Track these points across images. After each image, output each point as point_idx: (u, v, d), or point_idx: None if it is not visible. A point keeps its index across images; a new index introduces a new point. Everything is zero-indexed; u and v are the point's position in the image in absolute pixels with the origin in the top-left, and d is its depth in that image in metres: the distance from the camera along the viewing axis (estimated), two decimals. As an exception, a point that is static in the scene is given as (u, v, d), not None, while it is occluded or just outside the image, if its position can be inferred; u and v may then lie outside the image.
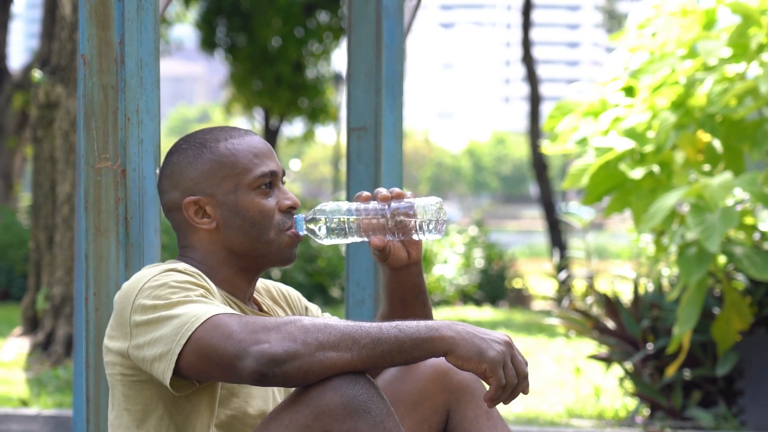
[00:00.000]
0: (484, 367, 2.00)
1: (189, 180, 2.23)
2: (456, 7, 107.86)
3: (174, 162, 2.26)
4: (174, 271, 2.13)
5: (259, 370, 1.96)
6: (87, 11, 2.48)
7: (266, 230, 2.23)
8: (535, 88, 15.44)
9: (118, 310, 2.12)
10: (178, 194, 2.24)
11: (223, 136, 2.25)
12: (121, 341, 2.11)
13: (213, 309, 2.05)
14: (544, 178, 15.11)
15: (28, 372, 6.84)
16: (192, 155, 2.24)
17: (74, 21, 7.16)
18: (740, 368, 5.23)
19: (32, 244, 7.94)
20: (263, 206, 2.23)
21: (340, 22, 17.02)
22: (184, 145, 2.26)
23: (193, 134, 2.29)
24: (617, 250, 15.38)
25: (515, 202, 70.28)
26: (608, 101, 5.38)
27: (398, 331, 2.00)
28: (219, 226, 2.23)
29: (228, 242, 2.24)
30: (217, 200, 2.23)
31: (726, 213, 4.68)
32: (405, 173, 30.61)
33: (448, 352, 2.00)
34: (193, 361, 2.03)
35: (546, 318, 6.69)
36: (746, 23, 5.06)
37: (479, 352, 2.00)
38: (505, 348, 2.02)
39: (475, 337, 2.02)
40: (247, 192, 2.23)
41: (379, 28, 3.39)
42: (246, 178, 2.23)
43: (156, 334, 2.05)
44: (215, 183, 2.22)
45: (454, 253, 13.44)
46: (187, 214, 2.23)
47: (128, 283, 2.14)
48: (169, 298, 2.07)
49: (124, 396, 2.15)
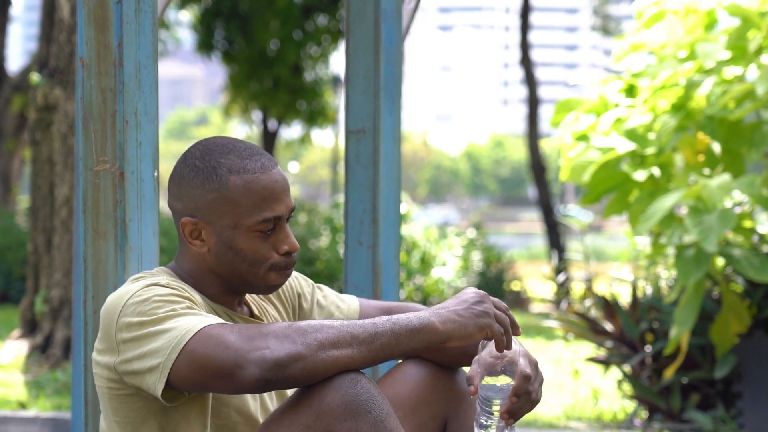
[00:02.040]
0: (485, 333, 2.08)
1: (192, 201, 2.19)
2: (454, 9, 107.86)
3: (184, 175, 2.20)
4: (156, 285, 2.10)
5: (263, 377, 1.95)
6: (85, 14, 2.48)
7: (257, 269, 2.20)
8: (534, 91, 15.45)
9: (104, 326, 2.10)
10: (180, 207, 2.21)
11: (237, 166, 2.17)
12: (108, 356, 2.09)
13: (203, 320, 2.03)
14: (542, 181, 15.12)
15: (26, 374, 6.83)
16: (201, 179, 2.17)
17: (72, 23, 7.16)
18: (738, 371, 5.23)
19: (30, 247, 7.93)
20: (258, 249, 2.18)
21: (338, 24, 17.03)
22: (198, 162, 2.19)
23: (210, 150, 2.20)
24: (615, 253, 15.37)
25: (513, 205, 70.24)
26: (609, 100, 5.38)
27: (392, 324, 2.03)
28: (210, 251, 2.20)
29: (216, 267, 2.21)
30: (214, 229, 2.18)
31: (724, 214, 4.68)
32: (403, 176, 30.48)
33: (446, 339, 2.05)
34: (186, 374, 2.01)
35: (544, 320, 6.68)
36: (745, 26, 5.06)
37: (475, 323, 2.07)
38: (486, 302, 2.10)
39: (457, 315, 2.07)
40: (245, 233, 2.17)
41: (378, 31, 3.39)
42: (247, 220, 2.17)
43: (146, 349, 2.03)
44: (216, 215, 2.17)
45: (452, 256, 13.43)
46: (183, 231, 2.20)
47: (111, 299, 2.11)
48: (155, 313, 2.05)
49: (113, 409, 2.14)
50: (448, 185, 70.12)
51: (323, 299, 2.46)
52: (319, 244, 10.71)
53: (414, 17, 3.94)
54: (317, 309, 2.44)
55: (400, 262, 3.58)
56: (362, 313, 2.44)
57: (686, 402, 5.34)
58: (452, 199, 68.50)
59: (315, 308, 2.44)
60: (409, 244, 12.15)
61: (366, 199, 3.38)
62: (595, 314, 5.84)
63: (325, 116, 18.63)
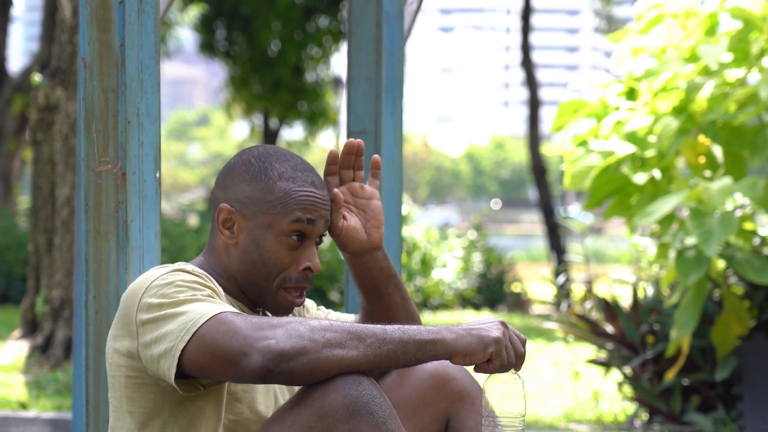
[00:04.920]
0: (490, 351, 2.05)
1: (235, 192, 2.24)
2: (455, 11, 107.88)
3: (235, 168, 2.26)
4: (182, 271, 2.14)
5: (265, 366, 1.96)
6: (88, 14, 2.48)
7: (272, 277, 2.23)
8: (535, 93, 15.45)
9: (124, 308, 2.13)
10: (222, 196, 2.26)
11: (288, 174, 2.23)
12: (129, 340, 2.11)
13: (219, 307, 2.06)
14: (543, 183, 15.12)
15: (27, 375, 6.84)
16: (251, 175, 2.23)
17: (74, 24, 7.17)
18: (739, 373, 5.23)
19: (31, 247, 7.94)
20: (282, 256, 2.22)
21: (339, 25, 17.03)
22: (253, 160, 2.25)
23: (268, 153, 2.26)
24: (616, 255, 15.37)
25: (514, 207, 70.25)
26: (609, 103, 5.38)
27: (402, 333, 2.03)
28: (238, 245, 2.24)
29: (238, 264, 2.24)
30: (247, 224, 2.23)
31: (725, 218, 4.68)
32: (404, 177, 30.61)
33: (452, 354, 2.04)
34: (196, 358, 2.02)
35: (545, 322, 6.68)
36: (747, 28, 5.06)
37: (480, 340, 2.05)
38: (503, 327, 2.08)
39: (472, 331, 2.06)
40: (277, 235, 2.22)
41: (380, 32, 3.40)
42: (282, 223, 2.21)
43: (161, 331, 2.06)
44: (254, 211, 2.22)
45: (453, 257, 13.44)
46: (217, 217, 2.25)
47: (135, 282, 2.15)
48: (176, 296, 2.08)
49: (128, 398, 2.15)
50: (448, 187, 70.13)
51: (321, 314, 2.51)
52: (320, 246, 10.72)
53: (416, 19, 3.94)
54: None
55: (401, 263, 3.58)
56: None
57: (687, 404, 5.34)
58: (453, 201, 68.48)
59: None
60: (410, 246, 12.16)
61: (367, 200, 3.38)
62: (596, 316, 5.84)
63: (326, 117, 18.64)
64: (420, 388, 2.34)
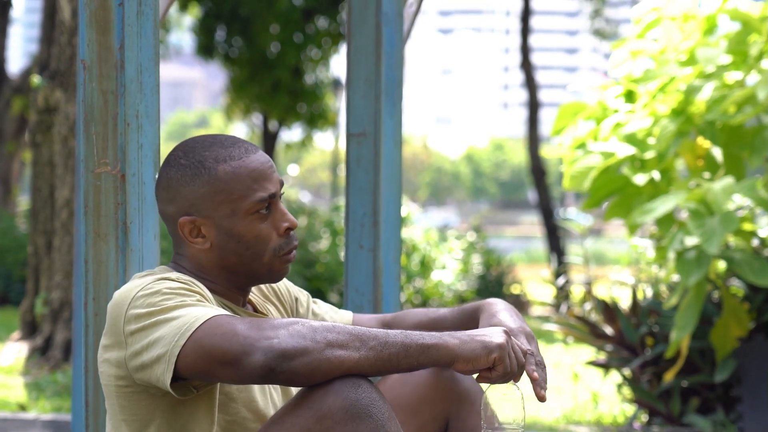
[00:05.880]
0: (493, 357, 2.05)
1: (185, 199, 2.20)
2: (455, 13, 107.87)
3: (171, 177, 2.21)
4: (166, 279, 2.12)
5: (267, 365, 1.96)
6: (87, 16, 2.48)
7: (261, 254, 2.22)
8: (534, 94, 15.45)
9: (111, 320, 2.11)
10: (174, 209, 2.22)
11: (222, 156, 2.20)
12: (117, 351, 2.10)
13: (212, 311, 2.05)
14: (542, 184, 15.12)
15: (26, 376, 6.83)
16: (189, 175, 2.19)
17: (73, 25, 7.16)
18: (738, 375, 5.23)
19: (31, 249, 7.93)
20: (260, 231, 2.21)
21: (338, 27, 17.03)
22: (183, 161, 2.21)
23: (192, 147, 2.23)
24: (615, 256, 15.37)
25: (513, 208, 70.23)
26: (609, 105, 5.38)
27: (404, 337, 2.03)
28: (213, 246, 2.21)
29: (221, 261, 2.22)
30: (213, 222, 2.20)
31: (726, 217, 4.69)
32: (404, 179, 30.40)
33: (454, 360, 2.04)
34: (193, 361, 2.01)
35: (544, 324, 6.68)
36: (746, 30, 5.06)
37: (484, 346, 2.05)
38: (506, 335, 2.09)
39: (475, 337, 2.06)
40: (243, 217, 2.19)
41: (379, 35, 3.40)
42: (243, 204, 2.19)
43: (153, 337, 2.04)
44: (212, 207, 2.19)
45: (452, 259, 13.43)
46: (182, 231, 2.21)
47: (119, 294, 2.12)
48: (164, 304, 2.06)
49: (120, 407, 2.14)
50: (448, 188, 70.12)
51: (317, 308, 2.50)
52: (319, 247, 10.71)
53: (415, 20, 3.94)
54: (312, 317, 2.47)
55: (401, 265, 3.59)
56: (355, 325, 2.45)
57: (686, 406, 5.34)
58: (452, 203, 68.48)
59: (310, 315, 2.48)
60: (410, 247, 12.15)
61: (367, 202, 3.39)
62: (595, 318, 5.84)
63: (326, 119, 18.64)
64: (420, 388, 2.34)
